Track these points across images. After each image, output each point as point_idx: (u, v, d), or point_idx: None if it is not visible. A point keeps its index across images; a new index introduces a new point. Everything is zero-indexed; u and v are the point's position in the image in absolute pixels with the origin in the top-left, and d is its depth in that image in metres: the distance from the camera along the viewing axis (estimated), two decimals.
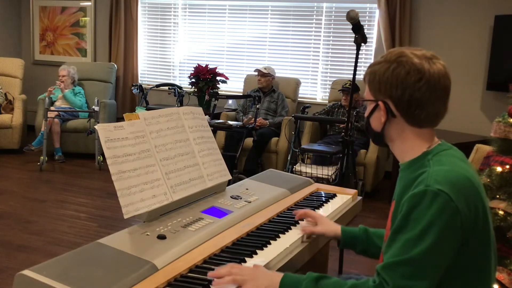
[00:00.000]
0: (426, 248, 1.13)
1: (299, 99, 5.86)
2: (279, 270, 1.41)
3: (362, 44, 2.88)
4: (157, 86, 5.92)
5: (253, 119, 5.08)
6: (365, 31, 2.92)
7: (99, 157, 5.46)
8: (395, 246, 1.17)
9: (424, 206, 1.15)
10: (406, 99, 1.26)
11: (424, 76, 1.24)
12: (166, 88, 5.90)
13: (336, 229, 1.64)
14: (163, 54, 6.70)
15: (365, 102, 1.38)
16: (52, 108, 5.64)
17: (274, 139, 5.26)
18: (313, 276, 1.26)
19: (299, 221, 1.75)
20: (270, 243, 1.54)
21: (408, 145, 1.32)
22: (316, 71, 5.95)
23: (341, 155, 3.81)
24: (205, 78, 5.83)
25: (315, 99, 5.97)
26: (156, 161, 1.64)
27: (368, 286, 1.18)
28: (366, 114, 1.39)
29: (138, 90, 5.70)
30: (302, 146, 4.72)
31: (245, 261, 1.41)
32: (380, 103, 1.31)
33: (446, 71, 1.28)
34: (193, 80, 5.92)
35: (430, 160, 1.25)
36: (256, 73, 5.58)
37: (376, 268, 1.20)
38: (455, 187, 1.16)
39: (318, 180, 4.33)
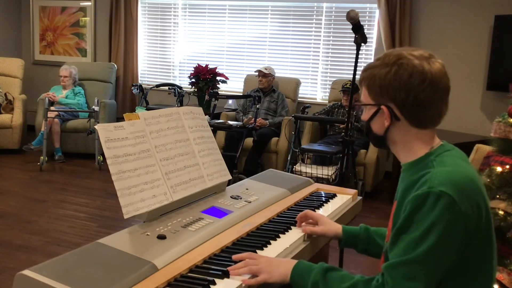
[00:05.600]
0: (427, 249, 1.13)
1: (299, 99, 5.87)
2: None
3: (362, 44, 2.88)
4: (157, 86, 5.93)
5: (253, 119, 5.08)
6: (365, 31, 2.92)
7: (99, 157, 5.46)
8: (399, 246, 1.19)
9: (427, 207, 1.15)
10: (411, 102, 1.25)
11: (427, 77, 1.24)
12: (166, 88, 5.90)
13: (337, 228, 1.64)
14: (163, 54, 6.70)
15: (364, 106, 1.35)
16: (52, 108, 5.64)
17: (274, 139, 5.26)
18: (324, 266, 1.30)
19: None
20: (270, 243, 1.54)
21: (410, 147, 1.31)
22: (316, 71, 5.95)
23: (341, 155, 3.81)
24: (205, 78, 5.83)
25: (315, 99, 5.97)
26: (156, 161, 1.64)
27: (371, 285, 1.21)
28: (365, 118, 1.36)
29: (138, 90, 5.71)
30: (302, 146, 4.72)
31: None
32: (383, 107, 1.29)
33: (445, 70, 1.28)
34: (193, 80, 5.92)
35: (434, 161, 1.25)
36: (257, 73, 5.58)
37: (382, 267, 1.22)
38: (459, 188, 1.16)
39: (318, 180, 4.33)
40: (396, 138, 1.33)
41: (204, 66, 5.96)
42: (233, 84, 6.19)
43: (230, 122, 5.00)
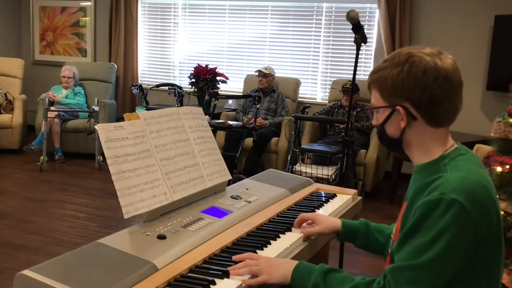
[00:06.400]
0: (434, 255, 1.13)
1: (299, 99, 5.86)
2: None
3: (362, 44, 2.88)
4: (157, 86, 5.93)
5: (253, 119, 5.08)
6: (365, 31, 2.92)
7: (99, 157, 5.46)
8: (405, 249, 1.18)
9: (438, 214, 1.14)
10: (427, 99, 1.23)
11: (441, 73, 1.22)
12: (166, 88, 5.90)
13: (335, 223, 1.63)
14: (163, 54, 6.70)
15: (375, 110, 1.32)
16: (52, 108, 5.64)
17: (274, 139, 5.26)
18: (324, 268, 1.30)
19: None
20: (270, 243, 1.54)
21: (425, 148, 1.29)
22: (316, 71, 5.95)
23: (341, 155, 3.82)
24: (205, 78, 5.83)
25: (315, 99, 5.97)
26: (156, 161, 1.64)
27: (372, 287, 1.20)
28: (378, 122, 1.33)
29: (138, 90, 5.70)
30: (302, 146, 4.72)
31: None
32: (399, 108, 1.26)
33: (456, 65, 1.26)
34: (193, 80, 5.92)
35: (447, 165, 1.23)
36: (257, 73, 5.58)
37: (386, 268, 1.21)
38: (471, 196, 1.15)
39: (318, 180, 4.33)
40: (412, 139, 1.30)
41: (204, 66, 5.96)
42: (233, 84, 6.19)
43: (230, 122, 5.00)
